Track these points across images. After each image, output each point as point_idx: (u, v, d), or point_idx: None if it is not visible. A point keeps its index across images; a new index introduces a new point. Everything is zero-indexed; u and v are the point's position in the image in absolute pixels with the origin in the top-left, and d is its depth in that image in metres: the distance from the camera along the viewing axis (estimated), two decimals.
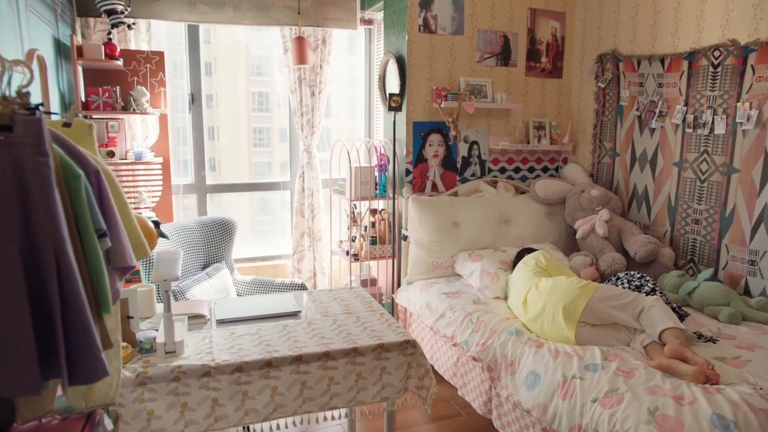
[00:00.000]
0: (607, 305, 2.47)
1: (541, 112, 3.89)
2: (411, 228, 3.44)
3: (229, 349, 1.86)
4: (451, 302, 3.00)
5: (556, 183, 3.63)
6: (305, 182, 3.95)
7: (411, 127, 3.54)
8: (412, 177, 3.60)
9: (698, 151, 3.08)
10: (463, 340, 2.71)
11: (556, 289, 2.58)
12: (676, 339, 2.25)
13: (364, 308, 2.31)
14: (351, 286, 2.62)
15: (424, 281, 3.38)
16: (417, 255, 3.42)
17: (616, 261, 3.10)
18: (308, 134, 3.85)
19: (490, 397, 2.56)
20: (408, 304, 3.35)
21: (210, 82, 3.89)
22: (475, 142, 3.74)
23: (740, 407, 1.84)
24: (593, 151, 3.80)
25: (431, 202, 3.42)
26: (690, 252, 3.18)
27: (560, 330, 2.47)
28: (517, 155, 3.88)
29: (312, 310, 2.28)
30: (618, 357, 2.24)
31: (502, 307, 2.91)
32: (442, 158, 3.66)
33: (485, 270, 3.16)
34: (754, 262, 2.82)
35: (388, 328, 2.09)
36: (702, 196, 3.08)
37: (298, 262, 4.05)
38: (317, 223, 4.02)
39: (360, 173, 3.47)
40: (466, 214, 3.46)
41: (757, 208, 2.79)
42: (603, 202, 3.42)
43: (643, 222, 3.47)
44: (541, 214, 3.62)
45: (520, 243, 3.54)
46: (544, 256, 2.96)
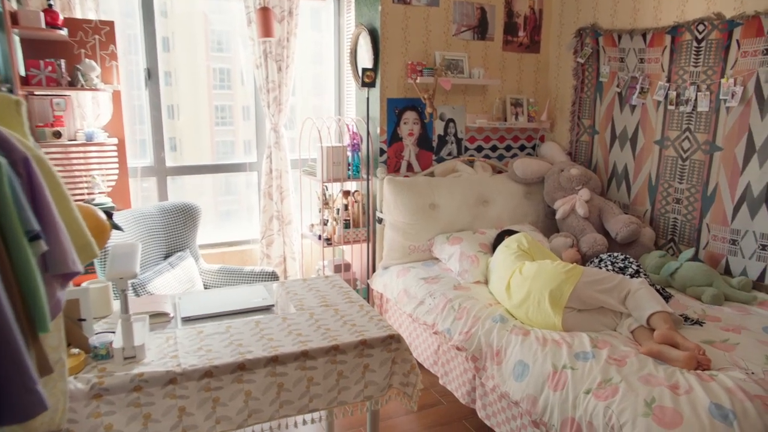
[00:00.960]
0: (593, 289, 2.39)
1: (519, 88, 3.76)
2: (386, 210, 3.28)
3: (196, 352, 1.68)
4: (431, 288, 2.88)
5: (534, 162, 3.52)
6: (273, 163, 3.74)
7: (385, 104, 3.36)
8: (386, 157, 3.44)
9: (680, 129, 3.01)
10: (445, 329, 2.60)
11: (541, 274, 2.48)
12: (664, 323, 2.19)
13: (342, 299, 2.16)
14: (325, 274, 2.46)
15: (400, 266, 3.24)
16: (393, 238, 3.28)
17: (598, 242, 3.02)
18: (275, 112, 3.62)
19: (473, 386, 2.46)
20: (384, 290, 3.22)
21: (168, 58, 3.62)
22: (452, 120, 3.59)
23: (736, 394, 1.78)
24: (571, 128, 3.70)
25: (407, 183, 3.27)
26: (671, 232, 3.13)
27: (546, 316, 2.38)
28: (494, 133, 3.75)
29: (286, 303, 2.12)
30: (607, 344, 2.16)
31: (484, 292, 2.81)
32: (417, 137, 3.51)
33: (464, 253, 3.05)
34: (735, 241, 2.78)
35: (369, 321, 1.95)
36: (683, 175, 3.02)
37: (267, 248, 3.86)
38: (286, 205, 3.82)
39: (331, 153, 3.29)
40: (443, 195, 3.33)
41: (739, 187, 2.74)
42: (583, 181, 3.33)
43: (623, 201, 3.40)
44: (519, 195, 3.52)
45: (499, 224, 3.43)
46: (525, 238, 2.85)
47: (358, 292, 3.54)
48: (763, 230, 2.66)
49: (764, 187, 2.63)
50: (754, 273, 2.72)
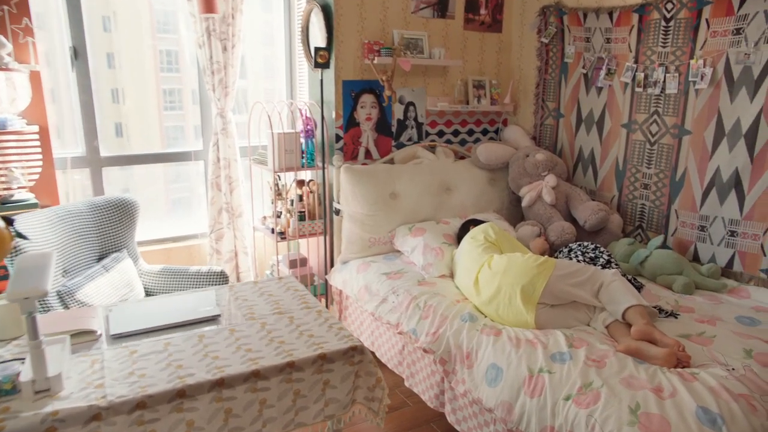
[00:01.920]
0: (566, 283, 2.26)
1: (481, 69, 3.59)
2: (344, 201, 3.07)
3: (127, 378, 1.44)
4: (394, 284, 2.69)
5: (498, 147, 3.37)
6: (220, 151, 3.45)
7: (340, 86, 3.12)
8: (342, 143, 3.21)
9: (648, 112, 2.90)
10: (411, 329, 2.42)
11: (511, 268, 2.33)
12: (641, 318, 2.08)
13: (298, 305, 1.94)
14: (279, 275, 2.23)
15: (360, 260, 3.04)
16: (351, 231, 3.07)
17: (566, 230, 2.91)
18: (221, 96, 3.33)
19: (442, 389, 2.30)
20: (344, 287, 3.01)
21: (110, 38, 3.28)
22: (412, 103, 3.39)
23: (720, 395, 1.68)
24: (535, 111, 3.57)
25: (365, 172, 3.06)
26: (638, 218, 3.04)
27: (518, 313, 2.24)
28: (455, 117, 3.57)
29: (235, 311, 1.89)
30: (584, 342, 2.03)
31: (450, 287, 2.64)
32: (375, 121, 3.29)
33: (428, 246, 2.87)
34: (704, 227, 2.71)
35: (328, 331, 1.74)
36: (652, 160, 2.92)
37: (217, 242, 3.58)
38: (236, 197, 3.55)
39: (283, 140, 3.03)
40: (404, 183, 3.13)
41: (708, 172, 2.66)
42: (549, 167, 3.20)
43: (589, 187, 3.30)
44: (483, 181, 3.37)
45: (463, 213, 3.28)
46: (493, 228, 2.70)
47: (316, 288, 3.32)
48: (731, 216, 2.59)
49: (734, 171, 2.55)
50: (722, 260, 2.66)
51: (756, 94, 2.44)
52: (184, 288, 2.61)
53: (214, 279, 2.63)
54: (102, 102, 3.27)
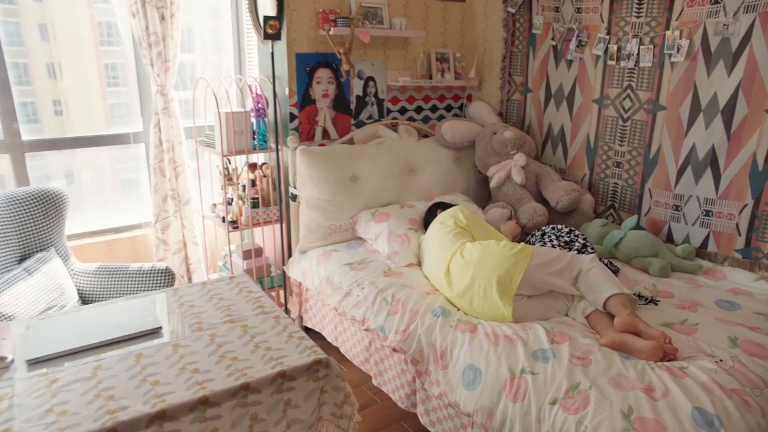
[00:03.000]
0: (544, 273, 2.11)
1: (444, 41, 3.37)
2: (301, 185, 2.83)
3: (42, 418, 1.19)
4: (358, 276, 2.49)
5: (464, 124, 3.18)
6: (163, 133, 3.13)
7: (293, 60, 2.85)
8: (298, 123, 2.95)
9: (621, 86, 2.76)
10: (378, 326, 2.23)
11: (486, 258, 2.16)
12: (624, 308, 1.96)
13: (253, 310, 1.72)
14: (231, 272, 1.99)
15: (321, 249, 2.82)
16: (310, 218, 2.84)
17: (538, 212, 2.76)
18: (161, 71, 3.00)
19: (414, 389, 2.13)
20: (303, 279, 2.79)
21: (41, 8, 2.89)
22: (371, 78, 3.15)
23: (713, 392, 1.57)
24: (502, 86, 3.39)
25: (323, 153, 2.82)
26: (611, 198, 2.93)
27: (494, 307, 2.08)
28: (418, 92, 3.36)
29: (179, 321, 1.65)
30: (566, 336, 1.90)
31: (419, 277, 2.47)
32: (333, 98, 3.04)
33: (393, 232, 2.68)
34: (678, 207, 2.62)
35: (288, 341, 1.53)
36: (624, 137, 2.80)
37: (163, 232, 3.28)
38: (182, 183, 3.24)
39: (232, 120, 2.75)
40: (365, 165, 2.91)
41: (683, 150, 2.55)
42: (518, 145, 3.04)
43: (559, 166, 3.16)
44: (449, 161, 3.18)
45: (428, 195, 3.09)
46: (462, 212, 2.52)
47: (273, 279, 3.09)
48: (707, 195, 2.50)
49: (710, 149, 2.45)
50: (696, 240, 2.58)
51: (734, 67, 2.32)
52: (123, 289, 2.33)
53: (158, 278, 2.36)
54: (36, 78, 2.90)
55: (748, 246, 2.41)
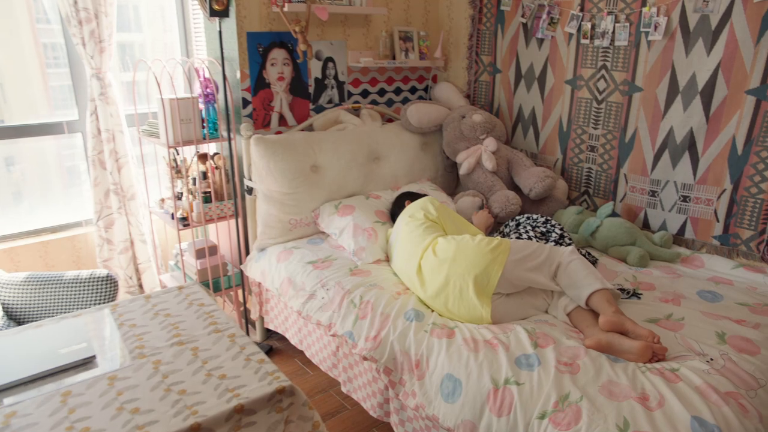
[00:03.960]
0: (522, 269, 1.97)
1: (407, 18, 3.16)
2: (257, 177, 2.60)
3: None
4: (322, 275, 2.30)
5: (431, 107, 3.00)
6: (101, 121, 2.83)
7: (244, 39, 2.59)
8: (251, 109, 2.70)
9: (595, 67, 2.63)
10: (346, 332, 2.05)
11: (461, 255, 2.00)
12: (608, 305, 1.84)
13: (205, 328, 1.51)
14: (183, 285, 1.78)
15: (281, 246, 2.61)
16: (268, 212, 2.62)
17: (511, 201, 2.62)
18: (95, 52, 2.69)
19: (387, 398, 1.98)
20: (263, 279, 2.58)
21: None
22: (331, 59, 2.92)
23: (709, 397, 1.48)
24: (469, 67, 3.21)
25: (280, 142, 2.59)
26: (584, 183, 2.81)
27: (471, 308, 1.93)
28: (381, 74, 3.15)
29: (118, 346, 1.42)
30: (549, 339, 1.76)
31: (388, 274, 2.29)
32: (289, 81, 2.80)
33: (359, 226, 2.49)
34: (655, 192, 2.52)
35: (246, 366, 1.33)
36: (599, 119, 2.67)
37: (106, 230, 2.99)
38: (126, 176, 2.95)
39: (178, 107, 2.48)
40: (326, 153, 2.70)
41: (660, 133, 2.45)
42: (487, 129, 2.88)
43: (531, 150, 3.03)
44: (415, 147, 3.00)
45: (395, 184, 2.91)
46: (433, 204, 2.36)
47: (230, 279, 2.86)
48: (684, 180, 2.41)
49: (688, 132, 2.35)
50: (673, 226, 2.49)
51: (713, 46, 2.21)
52: (58, 302, 2.07)
53: (98, 287, 2.11)
54: None
55: (726, 232, 2.33)
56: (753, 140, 2.17)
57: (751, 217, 2.24)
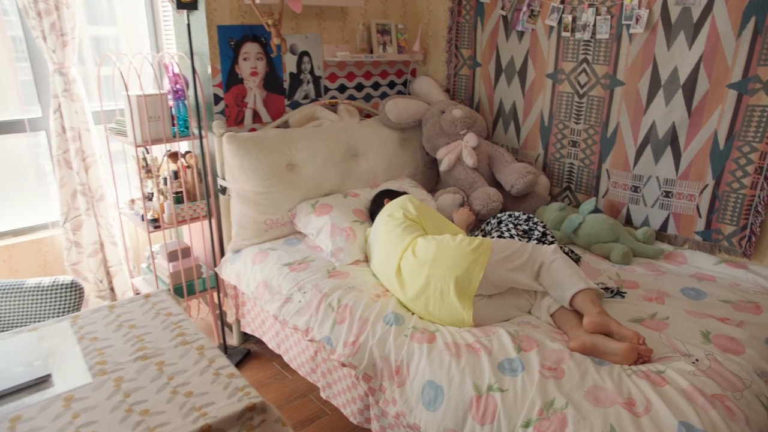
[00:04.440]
0: (504, 269, 1.92)
1: (384, 11, 3.08)
2: (230, 177, 2.51)
3: None
4: (299, 278, 2.22)
5: (410, 102, 2.93)
6: (65, 119, 2.71)
7: (215, 33, 2.49)
8: (224, 105, 2.61)
9: (576, 60, 2.58)
10: (324, 337, 1.98)
11: (441, 256, 1.94)
12: (593, 306, 1.79)
13: (172, 340, 1.42)
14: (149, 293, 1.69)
15: (256, 248, 2.53)
16: (243, 213, 2.53)
17: (492, 198, 2.57)
18: (57, 46, 2.56)
19: (367, 404, 1.92)
20: (239, 282, 2.49)
21: None
22: (306, 54, 2.83)
23: (696, 400, 1.44)
24: (448, 60, 3.14)
25: (254, 140, 2.50)
26: (566, 179, 2.77)
27: (453, 310, 1.87)
28: (358, 68, 3.07)
29: (76, 363, 1.33)
30: (533, 342, 1.71)
31: (367, 276, 2.23)
32: (263, 77, 2.70)
33: (336, 226, 2.42)
34: (637, 188, 2.49)
35: (215, 382, 1.26)
36: (581, 114, 2.63)
37: (74, 233, 2.88)
38: (94, 176, 2.84)
39: (145, 104, 2.38)
40: (303, 151, 2.62)
41: (643, 127, 2.41)
42: (467, 124, 2.82)
43: (512, 146, 2.98)
44: (394, 143, 2.93)
45: (374, 181, 2.84)
46: (412, 203, 2.29)
47: (204, 282, 2.77)
48: (667, 175, 2.38)
49: (670, 127, 2.31)
50: (656, 222, 2.46)
51: (695, 39, 2.17)
52: (18, 311, 1.96)
53: (61, 295, 2.01)
54: None
55: (708, 228, 2.31)
56: (735, 135, 2.14)
57: (732, 213, 2.21)
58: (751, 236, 2.18)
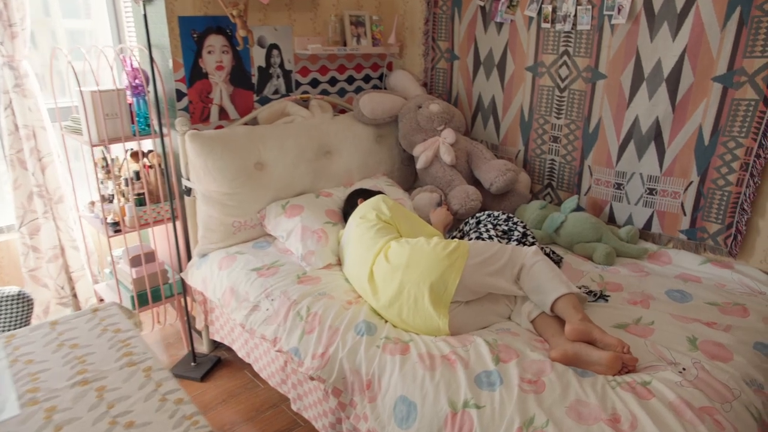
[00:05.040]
0: (482, 273, 1.82)
1: (358, 2, 2.95)
2: (194, 177, 2.37)
3: None
4: (267, 284, 2.10)
5: (385, 97, 2.81)
6: (17, 116, 2.54)
7: (176, 24, 2.34)
8: (187, 101, 2.46)
9: (557, 52, 2.48)
10: (292, 348, 1.87)
11: (415, 261, 1.83)
12: (575, 312, 1.70)
13: (117, 361, 1.29)
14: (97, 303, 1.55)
15: (223, 252, 2.39)
16: (209, 215, 2.40)
17: (471, 196, 2.46)
18: (5, 38, 2.40)
19: (339, 417, 1.80)
20: (205, 288, 2.36)
21: None
22: (275, 46, 2.69)
23: (684, 415, 1.35)
24: (425, 53, 3.03)
25: (219, 138, 2.36)
26: (547, 176, 2.68)
27: (427, 318, 1.77)
28: (331, 62, 2.94)
29: (4, 391, 1.20)
30: (512, 352, 1.61)
31: (338, 281, 2.11)
32: (229, 71, 2.56)
33: (307, 228, 2.30)
34: (620, 185, 2.40)
35: (160, 409, 1.13)
36: (562, 108, 2.53)
37: (31, 237, 2.72)
38: (51, 177, 2.68)
39: (101, 101, 2.22)
40: (272, 149, 2.49)
41: (626, 122, 2.32)
42: (445, 119, 2.71)
43: (491, 141, 2.87)
44: (369, 139, 2.81)
45: (348, 180, 2.72)
46: (386, 203, 2.18)
47: (171, 287, 2.63)
48: (651, 172, 2.29)
49: (653, 122, 2.23)
50: (640, 221, 2.38)
51: (679, 30, 2.08)
52: None
53: (7, 308, 1.86)
54: None
55: (693, 226, 2.23)
56: (720, 130, 2.06)
57: (718, 211, 2.13)
58: (736, 235, 2.10)
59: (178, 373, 2.55)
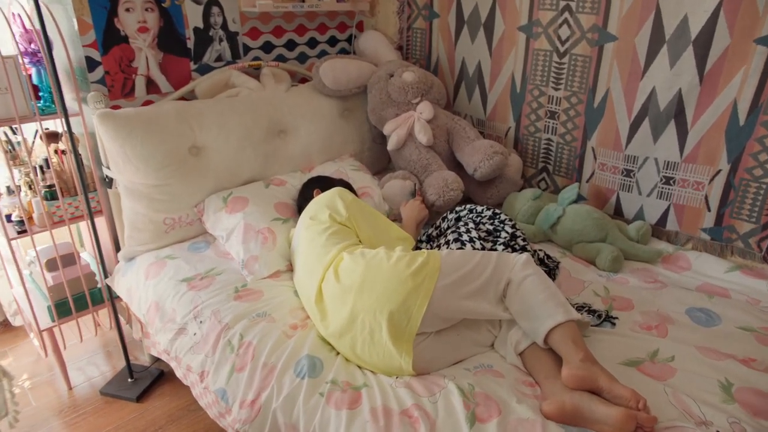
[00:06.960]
0: (457, 296, 1.42)
1: None
2: (114, 167, 1.94)
3: None
4: (198, 299, 1.70)
5: (350, 64, 2.35)
6: None
7: None
8: (103, 72, 2.01)
9: (556, 8, 2.02)
10: (218, 390, 1.48)
11: (370, 282, 1.43)
12: (575, 349, 1.32)
13: None
14: None
15: (153, 255, 1.99)
16: (135, 211, 1.98)
17: (451, 185, 2.05)
18: None
19: None
20: (130, 300, 1.97)
21: None
22: (216, 3, 2.22)
23: None
24: (400, 10, 2.55)
25: (139, 117, 1.91)
26: (543, 159, 2.26)
27: (386, 356, 1.38)
28: (288, 21, 2.47)
29: None
30: (492, 404, 1.24)
31: (284, 295, 1.72)
32: (156, 33, 2.10)
33: (251, 227, 1.89)
34: (631, 172, 1.99)
35: None
36: (561, 78, 2.09)
37: None
38: None
39: None
40: (211, 129, 2.05)
41: (639, 96, 1.88)
42: (421, 91, 2.27)
43: (477, 116, 2.44)
44: (333, 114, 2.38)
45: (307, 164, 2.30)
46: (343, 199, 1.76)
47: (100, 293, 2.24)
48: (668, 157, 1.88)
49: (675, 95, 1.80)
50: (653, 215, 1.98)
51: None
52: None
53: None
54: None
55: (719, 224, 1.83)
56: (761, 107, 1.64)
57: (752, 207, 1.73)
58: None
59: (110, 392, 2.19)
